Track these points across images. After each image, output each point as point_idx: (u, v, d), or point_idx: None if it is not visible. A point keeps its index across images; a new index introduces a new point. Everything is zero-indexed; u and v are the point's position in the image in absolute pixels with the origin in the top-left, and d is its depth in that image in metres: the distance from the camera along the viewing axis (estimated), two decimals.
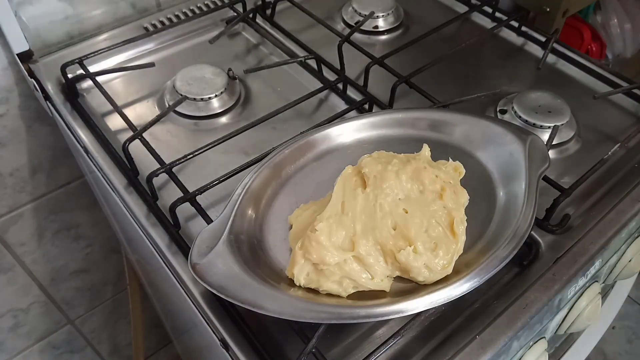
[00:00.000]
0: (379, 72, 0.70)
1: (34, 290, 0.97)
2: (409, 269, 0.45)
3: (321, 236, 0.46)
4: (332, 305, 0.44)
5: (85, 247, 0.99)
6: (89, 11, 0.76)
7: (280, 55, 0.75)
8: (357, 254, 0.46)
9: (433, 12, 0.85)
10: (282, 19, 0.81)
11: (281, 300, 0.43)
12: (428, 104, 0.66)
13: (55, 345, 1.09)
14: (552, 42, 0.75)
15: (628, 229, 0.60)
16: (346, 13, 0.83)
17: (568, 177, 0.60)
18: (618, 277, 0.72)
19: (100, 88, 0.66)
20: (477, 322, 0.48)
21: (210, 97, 0.67)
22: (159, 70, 0.71)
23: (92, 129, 0.65)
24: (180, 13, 0.80)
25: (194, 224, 0.55)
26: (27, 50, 0.70)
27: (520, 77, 0.74)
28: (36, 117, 0.78)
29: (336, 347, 0.47)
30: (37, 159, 0.82)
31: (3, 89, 0.73)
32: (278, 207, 0.53)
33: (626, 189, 0.59)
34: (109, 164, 0.61)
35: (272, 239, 0.51)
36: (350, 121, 0.59)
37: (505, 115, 0.66)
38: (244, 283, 0.44)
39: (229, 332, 0.47)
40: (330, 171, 0.54)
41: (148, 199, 0.57)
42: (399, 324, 0.47)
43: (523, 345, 0.55)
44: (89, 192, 0.91)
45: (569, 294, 0.57)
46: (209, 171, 0.59)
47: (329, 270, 0.45)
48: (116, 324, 1.18)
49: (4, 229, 0.85)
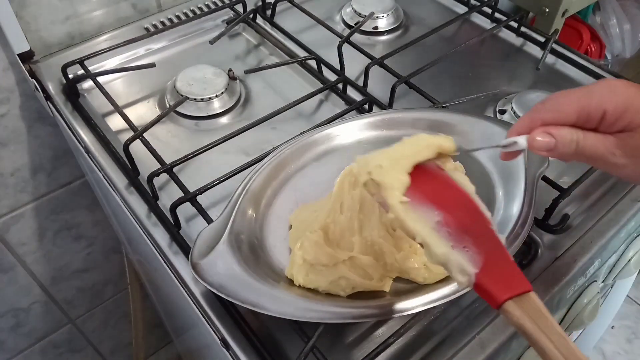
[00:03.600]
0: (379, 72, 0.70)
1: (34, 290, 0.97)
2: (408, 270, 0.46)
3: (320, 236, 0.46)
4: (332, 305, 0.44)
5: (86, 247, 0.99)
6: (90, 12, 0.76)
7: (280, 56, 0.76)
8: (356, 254, 0.46)
9: (433, 12, 0.85)
10: (282, 19, 0.82)
11: (281, 300, 0.43)
12: (428, 104, 0.66)
13: (56, 344, 1.10)
14: (551, 42, 0.75)
15: (627, 229, 0.60)
16: (346, 14, 0.83)
17: (567, 177, 0.60)
18: (617, 277, 0.72)
19: (101, 88, 0.67)
20: (477, 322, 0.49)
21: (211, 97, 0.67)
22: (159, 71, 0.71)
23: (93, 129, 0.65)
24: (180, 14, 0.81)
25: (194, 223, 0.55)
26: (28, 50, 0.70)
27: (519, 77, 0.74)
28: (37, 117, 0.78)
29: (336, 346, 0.47)
30: (38, 159, 0.82)
31: (4, 89, 0.73)
32: (278, 207, 0.53)
33: (625, 189, 0.60)
34: (109, 164, 0.62)
35: (272, 239, 0.51)
36: (350, 121, 0.59)
37: (505, 115, 0.66)
38: (244, 283, 0.44)
39: (230, 332, 0.48)
40: (330, 171, 0.54)
41: (149, 199, 0.58)
42: (399, 324, 0.47)
43: (522, 344, 0.56)
44: (89, 192, 0.91)
45: (568, 294, 0.57)
46: (209, 171, 0.59)
47: (328, 271, 0.45)
48: (117, 323, 1.18)
49: (5, 228, 0.85)
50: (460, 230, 0.36)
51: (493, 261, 0.35)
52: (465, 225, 0.37)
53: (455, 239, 0.36)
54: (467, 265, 0.34)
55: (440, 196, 0.39)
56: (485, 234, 0.36)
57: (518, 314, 0.32)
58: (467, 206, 0.39)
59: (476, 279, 0.34)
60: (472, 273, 0.34)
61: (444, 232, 0.36)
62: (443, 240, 0.36)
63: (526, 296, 0.33)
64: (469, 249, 0.35)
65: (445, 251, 0.35)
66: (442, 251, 0.35)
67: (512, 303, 0.33)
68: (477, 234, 0.36)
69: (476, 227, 0.37)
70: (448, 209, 0.38)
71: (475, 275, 0.34)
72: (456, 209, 0.38)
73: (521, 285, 0.33)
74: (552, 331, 0.32)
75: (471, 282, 0.34)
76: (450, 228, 0.36)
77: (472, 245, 0.35)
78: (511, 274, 0.34)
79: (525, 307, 0.32)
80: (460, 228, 0.37)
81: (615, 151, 0.37)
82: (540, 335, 0.31)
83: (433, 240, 0.36)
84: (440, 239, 0.36)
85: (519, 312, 0.32)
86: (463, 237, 0.36)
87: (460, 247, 0.35)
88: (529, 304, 0.33)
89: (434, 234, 0.36)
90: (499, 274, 0.34)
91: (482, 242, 0.36)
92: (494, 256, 0.35)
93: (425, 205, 0.38)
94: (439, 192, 0.40)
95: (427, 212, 0.37)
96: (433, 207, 0.38)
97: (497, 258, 0.35)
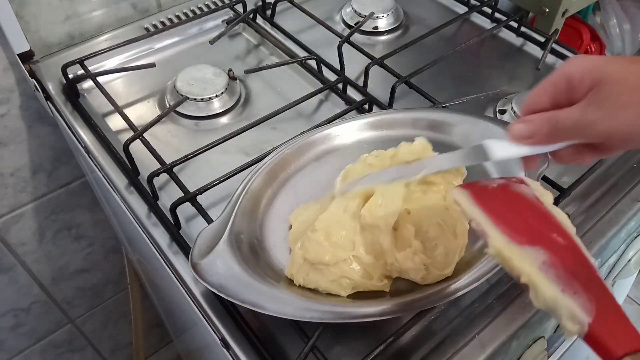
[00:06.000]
0: (379, 72, 0.70)
1: (34, 289, 0.97)
2: (408, 270, 0.46)
3: (320, 236, 0.46)
4: (332, 304, 0.44)
5: (86, 247, 0.99)
6: (90, 12, 0.76)
7: (280, 56, 0.76)
8: (356, 254, 0.46)
9: (433, 12, 0.85)
10: (282, 19, 0.82)
11: (281, 300, 0.43)
12: (428, 104, 0.66)
13: (56, 344, 1.10)
14: (551, 42, 0.75)
15: (627, 229, 0.60)
16: (346, 14, 0.83)
17: (567, 177, 0.60)
18: (617, 277, 0.72)
19: (101, 88, 0.67)
20: (477, 322, 0.49)
21: (211, 97, 0.67)
22: (159, 71, 0.71)
23: (93, 129, 0.65)
24: (180, 14, 0.81)
25: (194, 223, 0.55)
26: (28, 50, 0.70)
27: (519, 77, 0.74)
28: (37, 117, 0.78)
29: (336, 346, 0.47)
30: (38, 159, 0.82)
31: (4, 89, 0.73)
32: (278, 207, 0.53)
33: (625, 189, 0.60)
34: (109, 164, 0.62)
35: (272, 239, 0.51)
36: (350, 121, 0.59)
37: (505, 115, 0.66)
38: (244, 282, 0.44)
39: (230, 332, 0.48)
40: (330, 171, 0.55)
41: (149, 199, 0.58)
42: (399, 324, 0.47)
43: (522, 344, 0.56)
44: (89, 192, 0.91)
45: None
46: (209, 171, 0.59)
47: (329, 270, 0.45)
48: (117, 323, 1.18)
49: (5, 228, 0.85)
50: (568, 274, 0.34)
51: (605, 311, 0.32)
52: (572, 270, 0.34)
53: (565, 282, 0.33)
54: (579, 312, 0.32)
55: (544, 235, 0.36)
56: (593, 281, 0.34)
57: None
58: (572, 249, 0.36)
59: (589, 328, 0.31)
60: (585, 322, 0.31)
61: (551, 274, 0.34)
62: (552, 282, 0.33)
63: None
64: (579, 295, 0.33)
65: (556, 295, 0.32)
66: (552, 295, 0.32)
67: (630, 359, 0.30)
68: (585, 279, 0.34)
69: (582, 272, 0.34)
70: (553, 250, 0.35)
71: (589, 325, 0.31)
72: (561, 251, 0.35)
73: (637, 341, 0.31)
74: None
75: (583, 331, 0.31)
76: (558, 271, 0.34)
77: (583, 291, 0.33)
78: (625, 327, 0.32)
79: None
80: (567, 271, 0.34)
81: (587, 109, 0.37)
82: None
83: (541, 281, 0.33)
84: (548, 281, 0.33)
85: None
86: (572, 282, 0.33)
87: (570, 292, 0.33)
88: None
89: (542, 275, 0.33)
90: (613, 326, 0.32)
91: (590, 289, 0.33)
92: (605, 306, 0.32)
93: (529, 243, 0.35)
94: (542, 229, 0.37)
95: (532, 251, 0.35)
96: (538, 246, 0.35)
97: (608, 308, 0.33)
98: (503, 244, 0.35)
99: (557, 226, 0.37)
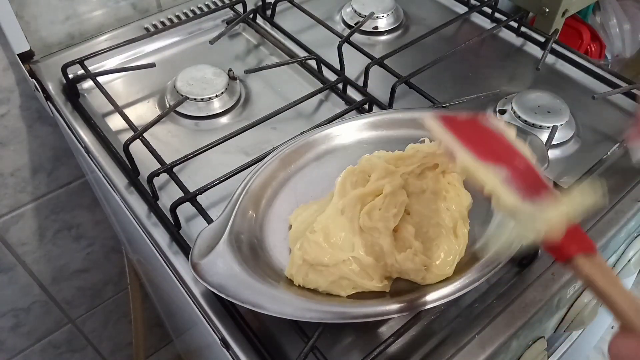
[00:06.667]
0: (379, 72, 0.70)
1: (34, 289, 0.97)
2: (408, 271, 0.46)
3: (320, 237, 0.46)
4: (332, 305, 0.44)
5: (86, 247, 0.99)
6: (90, 12, 0.76)
7: (280, 56, 0.76)
8: (356, 255, 0.46)
9: (433, 12, 0.85)
10: (282, 19, 0.82)
11: (281, 300, 0.43)
12: (428, 104, 0.66)
13: (56, 344, 1.10)
14: (551, 42, 0.75)
15: (627, 229, 0.60)
16: (346, 14, 0.83)
17: (567, 177, 0.60)
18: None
19: (101, 88, 0.67)
20: (477, 322, 0.49)
21: (211, 97, 0.67)
22: (159, 71, 0.71)
23: (93, 129, 0.65)
24: (180, 14, 0.81)
25: (194, 223, 0.55)
26: (28, 50, 0.70)
27: (519, 77, 0.74)
28: (37, 117, 0.78)
29: (336, 346, 0.47)
30: (38, 159, 0.82)
31: (4, 89, 0.73)
32: (278, 207, 0.53)
33: (625, 189, 0.60)
34: (109, 164, 0.62)
35: (272, 239, 0.51)
36: (350, 121, 0.59)
37: (505, 115, 0.66)
38: (244, 283, 0.44)
39: (230, 332, 0.48)
40: (330, 171, 0.55)
41: (149, 199, 0.58)
42: (399, 324, 0.47)
43: (522, 344, 0.56)
44: (89, 192, 0.91)
45: (568, 294, 0.57)
46: (209, 171, 0.59)
47: (328, 271, 0.45)
48: (117, 323, 1.18)
49: (5, 228, 0.85)
50: (527, 190, 0.38)
51: None
52: (530, 188, 0.38)
53: (524, 195, 0.37)
54: (538, 217, 0.36)
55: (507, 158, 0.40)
56: (550, 198, 0.38)
57: (588, 268, 0.35)
58: (532, 172, 0.40)
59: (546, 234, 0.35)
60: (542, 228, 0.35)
61: (512, 187, 0.38)
62: (512, 192, 0.37)
63: (593, 255, 0.35)
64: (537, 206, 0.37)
65: (516, 202, 0.37)
66: (513, 201, 0.37)
67: (583, 257, 0.35)
68: (543, 197, 0.38)
69: (541, 191, 0.38)
70: (514, 170, 0.39)
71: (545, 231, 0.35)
72: (522, 172, 0.40)
73: (589, 244, 0.36)
74: (620, 285, 0.34)
75: (541, 237, 0.35)
76: (518, 185, 0.38)
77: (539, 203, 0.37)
78: (578, 232, 0.36)
79: (593, 263, 0.35)
80: (526, 188, 0.38)
81: None
82: (610, 288, 0.34)
83: (503, 190, 0.37)
84: (509, 191, 0.37)
85: (589, 266, 0.35)
86: (531, 196, 0.37)
87: (529, 202, 0.37)
88: (597, 261, 0.35)
89: (504, 186, 0.38)
90: (567, 232, 0.36)
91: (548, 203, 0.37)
92: None
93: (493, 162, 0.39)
94: (505, 154, 0.41)
95: (495, 168, 0.39)
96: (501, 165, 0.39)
97: None
98: (469, 161, 0.39)
99: (518, 154, 0.41)
